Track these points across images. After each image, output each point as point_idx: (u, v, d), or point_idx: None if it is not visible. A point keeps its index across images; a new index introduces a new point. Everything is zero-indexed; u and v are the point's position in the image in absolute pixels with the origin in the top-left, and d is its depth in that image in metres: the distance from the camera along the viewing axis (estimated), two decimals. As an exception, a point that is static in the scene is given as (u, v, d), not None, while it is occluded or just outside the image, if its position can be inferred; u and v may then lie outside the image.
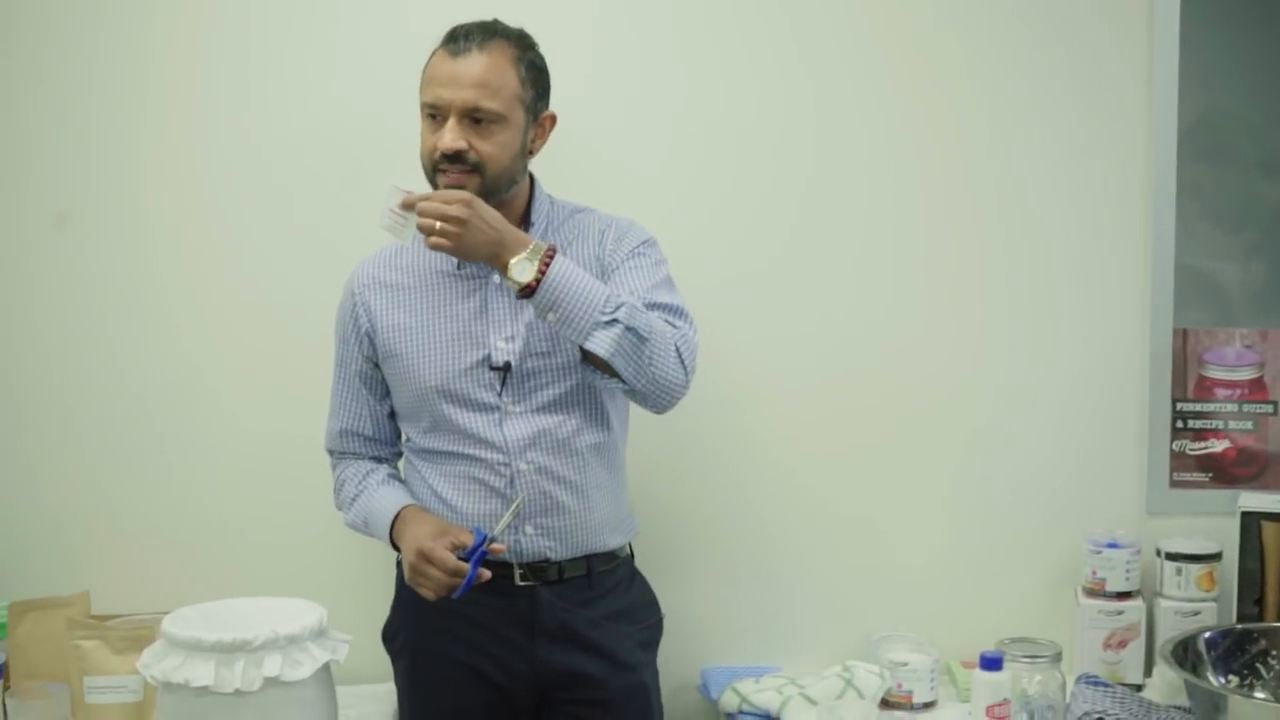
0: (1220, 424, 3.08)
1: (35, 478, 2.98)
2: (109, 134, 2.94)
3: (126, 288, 2.96)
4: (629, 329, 2.38)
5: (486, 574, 2.37)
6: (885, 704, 2.79)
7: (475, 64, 2.42)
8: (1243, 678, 2.74)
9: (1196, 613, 2.94)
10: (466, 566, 2.36)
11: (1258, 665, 2.75)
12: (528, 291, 2.36)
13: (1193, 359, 3.07)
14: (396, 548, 2.53)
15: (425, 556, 2.38)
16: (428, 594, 2.40)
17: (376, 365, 2.60)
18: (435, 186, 2.46)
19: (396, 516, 2.52)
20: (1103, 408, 3.08)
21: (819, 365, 3.05)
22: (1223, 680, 2.71)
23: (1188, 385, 3.07)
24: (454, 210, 2.33)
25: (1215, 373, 3.07)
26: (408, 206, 2.38)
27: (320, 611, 2.27)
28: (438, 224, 2.33)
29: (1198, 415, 3.08)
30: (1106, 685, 2.76)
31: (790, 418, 3.05)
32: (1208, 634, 2.75)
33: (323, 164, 2.95)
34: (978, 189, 3.04)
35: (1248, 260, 3.08)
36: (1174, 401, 3.07)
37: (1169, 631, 2.87)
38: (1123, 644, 2.94)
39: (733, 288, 3.01)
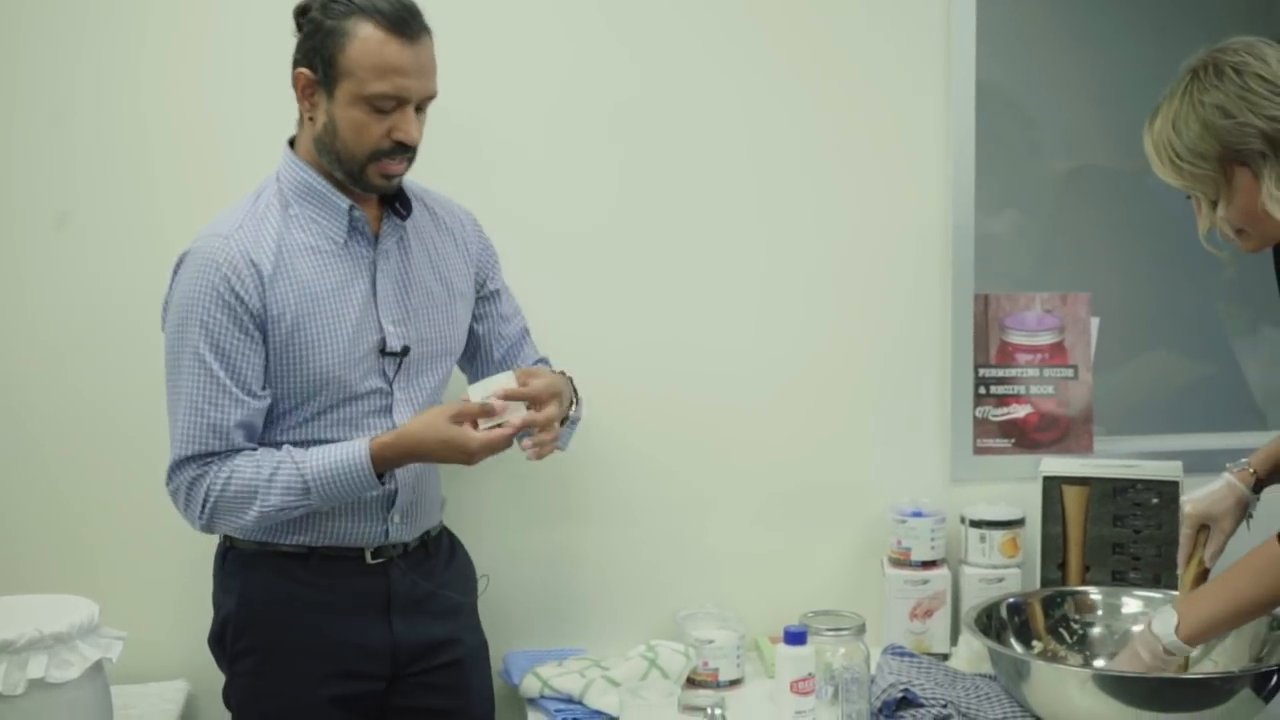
0: (1022, 389, 3.09)
1: None
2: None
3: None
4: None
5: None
6: (691, 682, 2.76)
7: (427, 50, 2.34)
8: (1047, 643, 2.73)
9: (1001, 579, 2.94)
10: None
11: (1061, 630, 2.75)
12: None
13: (994, 324, 3.07)
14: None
15: (461, 416, 2.34)
16: (471, 459, 2.36)
17: (263, 349, 2.38)
18: (360, 173, 2.36)
19: (372, 444, 2.35)
20: (905, 375, 3.07)
21: (618, 344, 2.99)
22: (1027, 646, 2.70)
23: (990, 351, 3.07)
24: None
25: (1016, 338, 3.08)
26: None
27: (91, 607, 2.21)
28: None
29: (1000, 381, 3.08)
30: (912, 656, 2.75)
31: (591, 397, 2.97)
32: (1011, 600, 2.75)
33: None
34: (774, 158, 3.00)
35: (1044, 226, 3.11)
36: (976, 368, 3.07)
37: (974, 599, 2.87)
38: (929, 613, 2.94)
39: (546, 275, 2.95)
